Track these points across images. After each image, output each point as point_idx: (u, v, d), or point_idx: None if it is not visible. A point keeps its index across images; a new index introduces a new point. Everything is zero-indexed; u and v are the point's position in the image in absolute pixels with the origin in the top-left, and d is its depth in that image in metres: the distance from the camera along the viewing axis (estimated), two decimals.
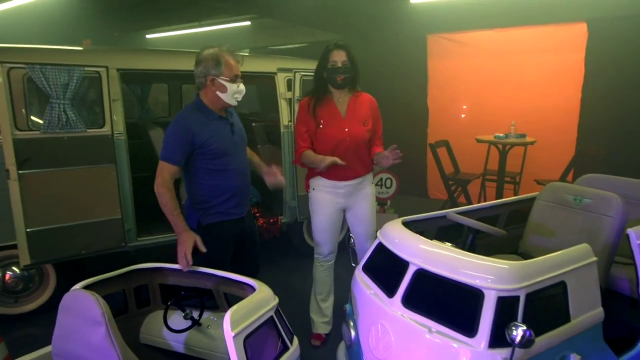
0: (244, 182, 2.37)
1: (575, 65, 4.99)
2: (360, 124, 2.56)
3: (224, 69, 2.18)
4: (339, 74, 2.49)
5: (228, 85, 2.19)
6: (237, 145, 2.33)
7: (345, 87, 2.56)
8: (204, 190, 2.27)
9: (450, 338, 1.56)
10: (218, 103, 2.25)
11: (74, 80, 2.84)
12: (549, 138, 5.14)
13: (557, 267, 1.67)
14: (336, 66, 2.48)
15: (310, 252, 4.19)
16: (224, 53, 2.19)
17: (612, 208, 2.18)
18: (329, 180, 2.60)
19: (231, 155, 2.27)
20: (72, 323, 1.52)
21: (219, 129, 2.24)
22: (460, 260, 1.66)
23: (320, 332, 2.88)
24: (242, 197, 2.37)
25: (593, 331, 1.76)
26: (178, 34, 8.72)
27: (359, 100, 2.60)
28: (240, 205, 2.37)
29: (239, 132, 2.36)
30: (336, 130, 2.53)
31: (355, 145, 2.55)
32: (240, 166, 2.34)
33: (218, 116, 2.26)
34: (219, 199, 2.27)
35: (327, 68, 2.51)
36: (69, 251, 2.99)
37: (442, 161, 5.14)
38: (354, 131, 2.54)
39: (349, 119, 2.55)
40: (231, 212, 2.32)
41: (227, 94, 2.22)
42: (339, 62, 2.48)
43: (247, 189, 2.42)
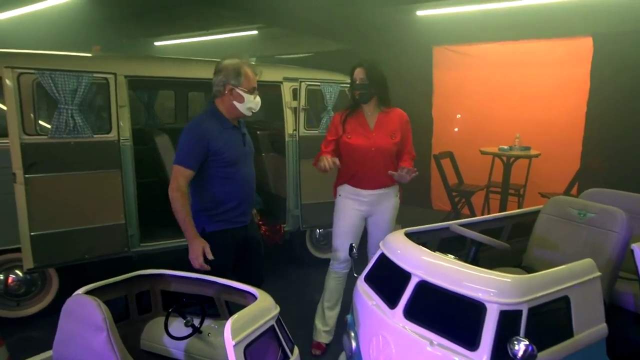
0: (249, 191, 2.43)
1: (580, 78, 5.00)
2: (387, 137, 2.67)
3: (244, 80, 2.25)
4: (355, 90, 2.65)
5: (246, 96, 2.26)
6: (247, 155, 2.40)
7: (367, 102, 2.68)
8: (212, 197, 2.31)
9: (452, 351, 1.55)
10: (233, 112, 2.31)
11: (82, 86, 2.87)
12: (553, 151, 5.13)
13: (561, 281, 1.66)
14: (355, 83, 2.64)
15: (312, 262, 4.21)
16: (244, 65, 2.28)
17: (617, 223, 2.17)
18: (354, 188, 2.71)
19: (241, 164, 2.34)
20: (74, 328, 1.52)
21: (232, 138, 2.31)
22: (463, 273, 1.65)
23: (320, 340, 2.88)
24: (247, 206, 2.42)
25: (596, 347, 1.74)
26: (186, 41, 8.82)
27: (389, 115, 2.71)
28: (244, 213, 2.41)
29: (249, 143, 2.44)
30: (362, 141, 2.65)
31: (381, 156, 2.65)
32: (248, 176, 2.40)
33: (232, 125, 2.33)
34: (225, 206, 2.32)
35: (351, 84, 2.69)
36: (72, 255, 3.00)
37: (446, 172, 5.14)
38: (380, 143, 2.64)
39: (377, 132, 2.67)
40: (235, 221, 2.37)
41: (243, 105, 2.29)
42: (357, 79, 2.64)
43: (252, 198, 2.48)
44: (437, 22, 5.69)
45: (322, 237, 4.32)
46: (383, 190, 2.71)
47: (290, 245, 4.19)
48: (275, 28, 6.77)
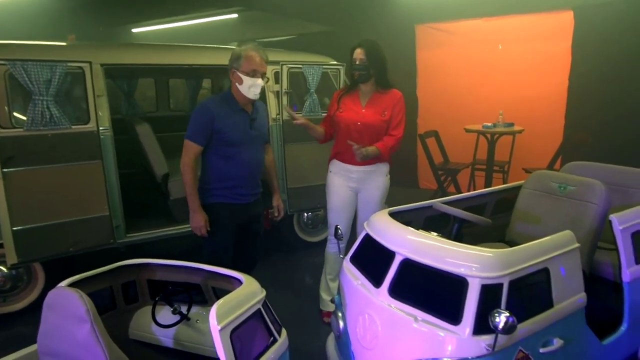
0: (250, 174, 2.52)
1: (562, 53, 5.01)
2: (377, 114, 2.72)
3: (243, 62, 2.36)
4: (354, 70, 2.70)
5: (244, 78, 2.36)
6: (252, 139, 2.49)
7: (366, 82, 2.72)
8: (212, 173, 2.47)
9: (436, 326, 1.58)
10: (239, 95, 2.42)
11: (56, 76, 2.79)
12: (536, 126, 5.17)
13: (540, 254, 1.69)
14: (354, 64, 2.69)
15: (302, 245, 4.23)
16: (248, 49, 2.38)
17: (596, 195, 2.21)
18: (343, 164, 2.79)
19: (244, 146, 2.45)
20: (57, 320, 1.52)
21: (238, 120, 2.42)
22: (445, 250, 1.67)
23: (329, 309, 3.00)
24: (246, 187, 2.52)
25: (576, 316, 1.79)
26: (165, 27, 8.61)
27: (384, 95, 2.75)
28: (243, 194, 2.51)
29: (258, 128, 2.52)
30: (351, 115, 2.73)
31: (367, 132, 2.70)
32: (251, 159, 2.50)
33: (241, 108, 2.44)
34: (223, 183, 2.46)
35: (350, 63, 2.74)
36: (56, 249, 2.97)
37: (432, 151, 5.16)
38: (368, 119, 2.70)
39: (367, 108, 2.73)
40: (234, 197, 2.49)
41: (244, 86, 2.38)
42: (357, 59, 2.68)
43: (253, 181, 2.57)
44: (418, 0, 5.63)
45: (310, 220, 4.34)
46: (370, 168, 2.75)
47: (279, 229, 4.20)
48: (255, 11, 6.64)
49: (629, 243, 2.07)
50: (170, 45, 3.95)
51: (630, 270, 2.04)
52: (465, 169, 5.31)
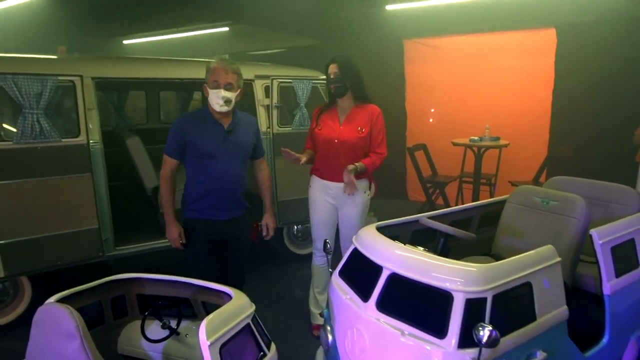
0: (225, 187, 2.46)
1: (545, 69, 5.15)
2: (354, 131, 2.75)
3: (209, 76, 2.37)
4: (331, 84, 2.76)
5: (210, 90, 2.37)
6: (227, 152, 2.44)
7: (342, 96, 2.77)
8: (188, 185, 2.50)
9: (423, 340, 1.60)
10: (211, 108, 2.41)
11: (47, 89, 2.80)
12: (522, 140, 5.29)
13: (523, 268, 1.74)
14: (330, 78, 2.75)
15: (291, 258, 4.24)
16: (213, 62, 2.38)
17: (577, 210, 2.27)
18: (321, 180, 2.84)
19: (218, 159, 2.42)
20: (46, 337, 1.52)
21: (211, 133, 2.41)
22: (431, 264, 1.71)
23: (318, 322, 3.03)
24: (219, 201, 2.46)
25: (558, 329, 1.83)
26: (156, 39, 8.65)
27: (362, 110, 2.78)
28: (217, 207, 2.47)
29: (235, 141, 2.46)
30: (329, 133, 2.77)
31: (344, 149, 2.73)
32: (225, 172, 2.44)
33: (215, 121, 2.43)
34: (193, 196, 2.47)
35: (326, 79, 2.79)
36: (44, 263, 2.95)
37: (420, 164, 5.24)
38: (345, 136, 2.74)
39: (345, 125, 2.77)
40: (205, 212, 2.47)
41: (210, 99, 2.38)
42: (332, 73, 2.74)
43: (229, 194, 2.49)
44: (406, 15, 5.75)
45: (300, 233, 4.36)
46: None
47: (269, 242, 4.19)
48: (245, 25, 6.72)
49: (609, 257, 2.13)
50: (162, 59, 3.98)
51: (610, 283, 2.10)
52: (453, 181, 5.40)
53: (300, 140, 3.00)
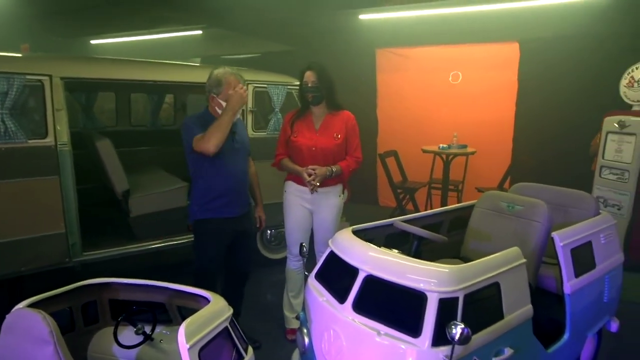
0: (236, 185, 2.63)
1: (509, 81, 5.41)
2: (330, 137, 2.81)
3: (223, 89, 2.49)
4: (308, 93, 2.78)
5: (224, 104, 2.48)
6: (236, 152, 2.60)
7: (318, 104, 2.82)
8: (201, 187, 2.57)
9: (398, 339, 1.65)
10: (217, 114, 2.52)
11: (13, 89, 2.71)
12: (487, 148, 5.51)
13: (492, 269, 1.83)
14: (307, 86, 2.78)
15: (265, 262, 4.24)
16: (226, 73, 2.51)
17: (540, 214, 2.40)
18: (297, 185, 2.88)
19: (228, 157, 2.54)
20: (18, 343, 1.47)
21: None
22: (406, 266, 1.77)
23: (292, 326, 3.04)
24: (232, 198, 2.62)
25: (524, 327, 1.93)
26: (126, 40, 8.43)
27: (336, 117, 2.85)
28: (230, 205, 2.61)
29: (240, 141, 2.64)
30: (306, 140, 2.81)
31: (322, 155, 2.79)
32: (236, 170, 2.62)
33: None
34: (210, 195, 2.56)
35: (301, 86, 2.81)
36: (7, 268, 2.83)
37: (391, 170, 5.36)
38: (322, 143, 2.80)
39: (321, 132, 2.83)
40: (222, 211, 2.58)
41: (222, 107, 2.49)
42: (309, 82, 2.77)
43: (241, 192, 2.68)
44: (379, 25, 5.89)
45: (274, 237, 4.36)
46: (324, 189, 2.84)
47: None
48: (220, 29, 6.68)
49: (569, 258, 2.26)
50: (133, 61, 3.91)
51: (570, 283, 2.23)
52: (423, 187, 5.54)
53: (275, 145, 3.02)
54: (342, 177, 2.88)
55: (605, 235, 2.53)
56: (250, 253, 2.87)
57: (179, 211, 3.71)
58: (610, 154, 4.19)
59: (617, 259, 2.61)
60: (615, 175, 4.16)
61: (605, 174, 4.23)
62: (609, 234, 2.57)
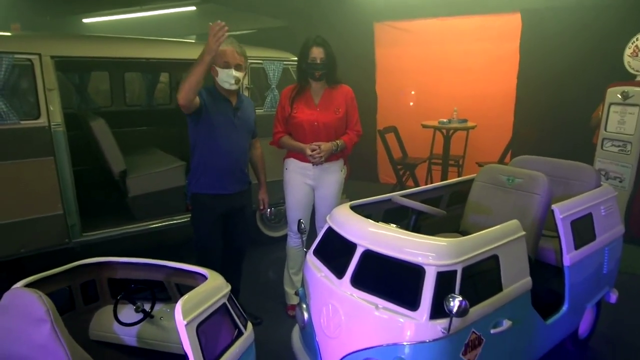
0: (231, 163, 2.59)
1: (510, 54, 5.29)
2: (331, 112, 2.77)
3: (218, 57, 2.43)
4: (317, 70, 2.70)
5: (219, 70, 2.46)
6: (235, 128, 2.57)
7: (322, 81, 2.76)
8: (195, 160, 2.57)
9: (396, 313, 1.66)
10: (219, 87, 2.53)
11: (2, 68, 2.66)
12: (488, 122, 5.44)
13: (490, 242, 1.82)
14: (315, 62, 2.69)
15: (265, 240, 4.25)
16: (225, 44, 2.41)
17: (540, 186, 2.37)
18: (299, 162, 2.84)
19: (228, 132, 2.53)
20: (13, 323, 1.47)
21: (221, 107, 2.52)
22: (403, 240, 1.75)
23: (293, 303, 3.06)
24: (225, 175, 2.59)
25: (522, 299, 1.93)
26: (119, 18, 8.27)
27: (335, 91, 2.80)
28: (223, 182, 2.59)
29: (242, 118, 2.61)
30: (307, 116, 2.76)
31: (324, 130, 2.76)
32: (234, 146, 2.58)
33: (224, 98, 2.54)
34: (203, 170, 2.55)
35: (306, 62, 2.71)
36: (6, 251, 2.84)
37: (391, 146, 5.31)
38: (323, 118, 2.76)
39: (321, 107, 2.78)
40: (214, 186, 2.58)
41: (219, 78, 2.48)
42: (318, 58, 2.69)
43: (236, 170, 2.63)
44: None
45: (273, 215, 4.36)
46: (326, 165, 2.82)
47: None
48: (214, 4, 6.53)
49: (569, 230, 2.25)
50: (126, 38, 3.82)
51: (570, 255, 2.22)
52: (423, 163, 5.51)
53: (272, 122, 2.97)
54: (345, 151, 2.87)
55: (606, 207, 2.51)
56: (247, 231, 2.85)
57: (177, 190, 3.69)
58: (613, 125, 4.13)
59: (617, 231, 2.60)
60: (617, 148, 4.11)
61: (607, 146, 4.18)
62: (610, 206, 2.54)
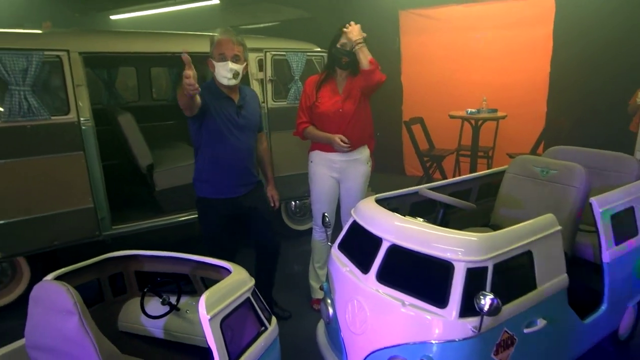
0: (238, 166, 2.46)
1: (543, 39, 5.06)
2: (355, 102, 2.70)
3: (214, 49, 2.28)
4: (344, 56, 2.60)
5: (215, 64, 2.28)
6: (239, 127, 2.42)
7: (348, 69, 2.67)
8: (201, 163, 2.45)
9: (423, 310, 1.61)
10: (218, 83, 2.35)
11: (32, 65, 2.71)
12: (519, 112, 5.24)
13: (523, 237, 1.73)
14: (344, 48, 2.59)
15: (290, 234, 4.24)
16: (217, 34, 2.28)
17: (576, 178, 2.25)
18: (325, 154, 2.79)
19: (232, 134, 2.39)
20: (44, 315, 1.50)
21: (222, 107, 2.36)
22: (431, 235, 1.69)
23: (318, 297, 3.04)
24: (232, 178, 2.46)
25: (558, 297, 1.84)
26: (145, 14, 8.40)
27: (357, 78, 2.68)
28: (229, 186, 2.47)
29: (246, 116, 2.45)
30: (330, 106, 2.69)
31: (348, 119, 2.70)
32: (238, 150, 2.43)
33: (225, 96, 2.38)
34: (208, 173, 2.43)
35: (335, 47, 2.63)
36: (40, 243, 2.92)
37: (417, 138, 5.19)
38: (347, 107, 2.69)
39: (345, 96, 2.70)
40: (221, 190, 2.46)
41: (216, 73, 2.31)
42: (348, 45, 2.56)
43: (243, 173, 2.51)
44: None
45: (298, 209, 4.34)
46: (352, 156, 2.78)
47: None
48: None
49: (608, 225, 2.13)
50: (151, 33, 3.85)
51: (609, 251, 2.10)
52: (450, 154, 5.37)
53: (295, 113, 2.93)
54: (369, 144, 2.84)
55: None
56: (270, 227, 2.69)
57: None
58: None
59: None
60: None
61: None
62: None
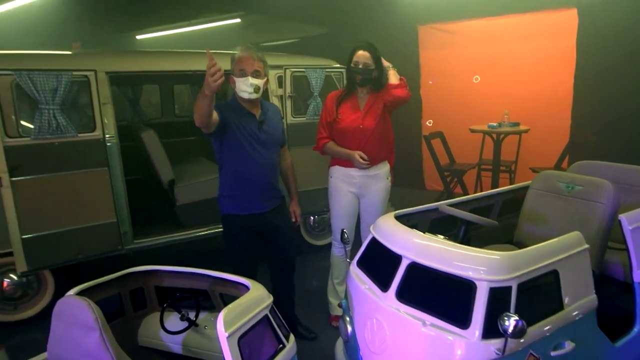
0: (261, 182, 2.49)
1: (566, 51, 4.97)
2: (376, 116, 2.71)
3: (235, 65, 2.35)
4: (357, 74, 2.65)
5: (236, 80, 2.35)
6: (262, 143, 2.45)
7: (366, 86, 2.70)
8: (224, 179, 2.49)
9: (444, 330, 1.56)
10: (239, 99, 2.40)
11: (62, 85, 2.82)
12: (542, 125, 5.14)
13: (549, 256, 1.68)
14: (357, 67, 2.64)
15: (309, 249, 4.23)
16: (238, 52, 2.36)
17: (604, 194, 2.18)
18: (345, 169, 2.78)
19: (254, 150, 2.41)
20: (66, 329, 1.52)
21: (243, 122, 2.39)
22: (452, 253, 1.66)
23: (337, 313, 3.00)
24: (258, 192, 2.49)
25: (587, 318, 1.77)
26: (169, 33, 8.68)
27: (379, 94, 2.71)
28: (253, 202, 2.49)
29: (268, 131, 2.48)
30: (351, 122, 2.71)
31: (371, 135, 2.70)
32: (261, 166, 2.46)
33: (247, 112, 2.42)
34: (232, 190, 2.46)
35: (349, 65, 2.68)
36: (65, 256, 2.99)
37: (437, 152, 5.14)
38: (367, 123, 2.70)
39: (365, 111, 2.72)
40: (244, 207, 2.48)
41: (237, 88, 2.36)
42: (360, 63, 2.63)
43: (267, 188, 2.53)
44: (420, 0, 5.62)
45: (317, 224, 4.33)
46: (372, 172, 2.76)
47: None
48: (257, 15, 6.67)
49: (639, 242, 2.04)
50: (174, 52, 3.97)
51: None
52: (472, 169, 5.29)
53: (315, 129, 2.95)
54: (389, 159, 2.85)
55: None
56: (290, 242, 2.75)
57: None
58: None
59: None
60: None
61: None
62: None
